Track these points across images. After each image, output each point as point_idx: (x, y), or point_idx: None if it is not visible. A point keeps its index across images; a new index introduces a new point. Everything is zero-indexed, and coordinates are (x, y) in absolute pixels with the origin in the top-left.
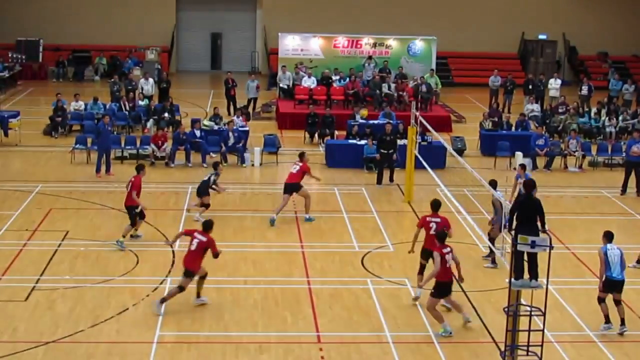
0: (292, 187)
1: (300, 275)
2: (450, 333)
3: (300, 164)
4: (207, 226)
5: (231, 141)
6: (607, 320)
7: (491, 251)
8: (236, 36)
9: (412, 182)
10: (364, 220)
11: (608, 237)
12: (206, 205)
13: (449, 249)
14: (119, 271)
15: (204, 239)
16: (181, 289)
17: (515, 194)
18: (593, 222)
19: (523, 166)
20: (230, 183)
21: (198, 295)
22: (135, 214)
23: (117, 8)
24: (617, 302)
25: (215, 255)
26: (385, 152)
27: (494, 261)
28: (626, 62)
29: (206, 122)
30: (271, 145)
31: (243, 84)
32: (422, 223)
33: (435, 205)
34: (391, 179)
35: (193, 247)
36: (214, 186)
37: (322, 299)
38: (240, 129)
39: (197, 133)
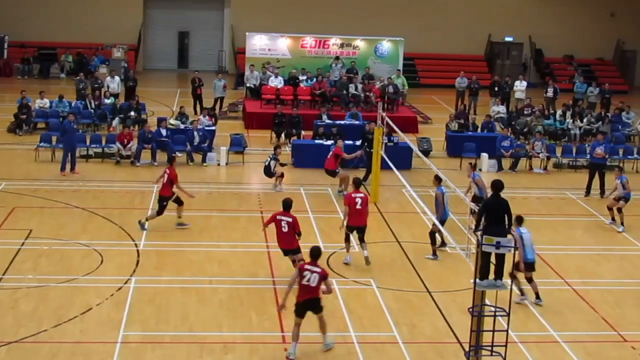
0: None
1: (265, 275)
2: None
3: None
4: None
5: (197, 140)
6: (523, 293)
7: (433, 243)
8: (203, 35)
9: (378, 183)
10: (330, 220)
11: (519, 220)
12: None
13: (316, 269)
14: (83, 270)
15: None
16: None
17: (470, 193)
18: (558, 223)
19: (472, 165)
20: (196, 182)
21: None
22: (164, 205)
23: (84, 5)
24: (530, 280)
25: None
26: (370, 150)
27: (435, 253)
28: (591, 65)
29: (172, 121)
30: (238, 145)
31: (210, 83)
32: (272, 219)
33: (286, 204)
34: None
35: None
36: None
37: (288, 299)
38: (206, 128)
39: (163, 132)
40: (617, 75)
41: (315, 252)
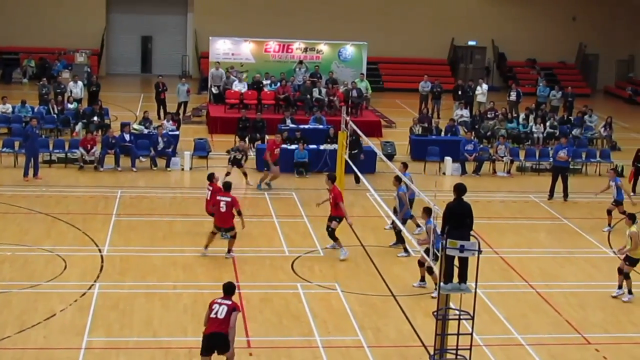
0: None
1: (230, 279)
2: None
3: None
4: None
5: (161, 145)
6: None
7: (398, 241)
8: (167, 40)
9: (343, 187)
10: (294, 225)
11: (428, 212)
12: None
13: (227, 301)
14: (46, 276)
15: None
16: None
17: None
18: (521, 226)
19: (404, 164)
20: (159, 187)
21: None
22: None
23: (46, 10)
24: (431, 270)
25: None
26: (350, 152)
27: (406, 250)
28: (554, 69)
29: (136, 126)
30: (201, 150)
31: (173, 88)
32: (213, 200)
33: (226, 186)
34: (357, 181)
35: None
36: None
37: (252, 303)
38: (170, 133)
39: (127, 137)
40: (580, 78)
41: (228, 288)
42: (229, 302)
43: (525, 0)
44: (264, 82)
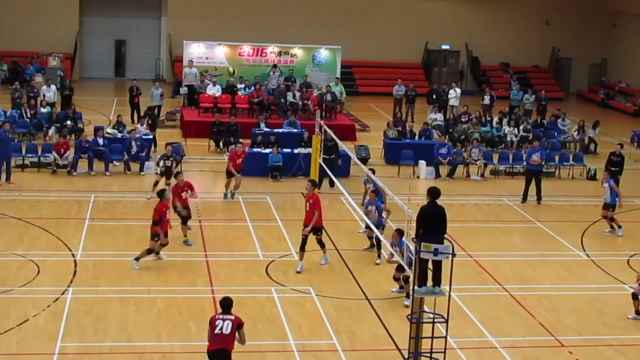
0: None
1: (204, 284)
2: None
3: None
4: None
5: (134, 149)
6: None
7: (372, 246)
8: (140, 43)
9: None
10: (269, 229)
11: (400, 233)
12: None
13: (230, 316)
14: (19, 281)
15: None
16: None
17: (366, 198)
18: (495, 229)
19: (372, 170)
20: (133, 191)
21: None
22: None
23: (19, 13)
24: (407, 280)
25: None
26: (328, 157)
27: (380, 256)
28: (527, 73)
29: (109, 130)
30: (175, 154)
31: (147, 92)
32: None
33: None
34: (332, 185)
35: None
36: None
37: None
38: (143, 137)
39: (100, 141)
40: (553, 82)
41: (225, 303)
42: (232, 317)
43: (499, 5)
44: (238, 86)
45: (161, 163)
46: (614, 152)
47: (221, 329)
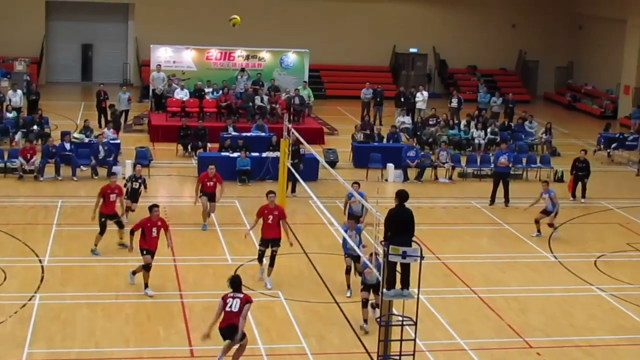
0: None
1: (173, 289)
2: None
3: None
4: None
5: (102, 154)
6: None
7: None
8: (108, 47)
9: (284, 194)
10: (237, 233)
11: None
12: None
13: (239, 294)
14: None
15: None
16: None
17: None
18: (463, 232)
19: (357, 183)
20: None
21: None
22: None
23: None
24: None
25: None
26: (291, 162)
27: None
28: (494, 75)
29: (76, 135)
30: (143, 158)
31: (115, 96)
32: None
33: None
34: (293, 190)
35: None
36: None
37: (196, 312)
38: (111, 141)
39: (67, 146)
40: (520, 85)
41: (233, 282)
42: (241, 295)
43: (466, 8)
44: (206, 89)
45: (128, 185)
46: (578, 158)
47: (231, 306)
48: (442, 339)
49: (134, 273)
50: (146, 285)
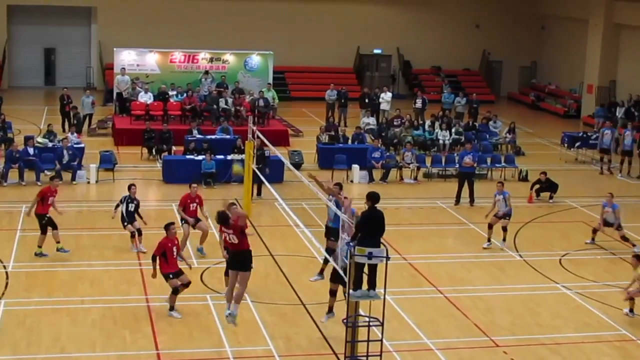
0: None
1: (138, 293)
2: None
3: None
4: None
5: (66, 158)
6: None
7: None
8: (70, 51)
9: (249, 197)
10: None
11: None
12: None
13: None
14: None
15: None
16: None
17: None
18: (429, 232)
19: (339, 185)
20: (65, 201)
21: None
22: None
23: None
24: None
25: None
26: (256, 166)
27: (321, 273)
28: (458, 76)
29: (40, 139)
30: (107, 162)
31: (78, 100)
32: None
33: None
34: (259, 193)
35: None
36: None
37: (162, 316)
38: (75, 145)
39: (31, 151)
40: (484, 85)
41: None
42: (231, 231)
43: (430, 9)
44: (170, 92)
45: (122, 207)
46: (539, 180)
47: (230, 239)
48: (408, 339)
49: (172, 309)
50: (172, 308)
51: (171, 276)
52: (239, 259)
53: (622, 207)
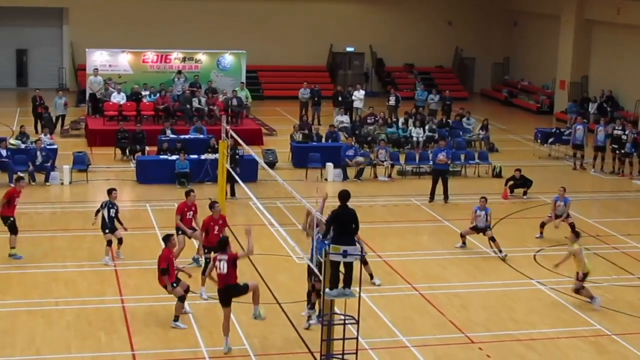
0: None
1: (113, 294)
2: None
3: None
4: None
5: (39, 160)
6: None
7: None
8: (42, 52)
9: (224, 196)
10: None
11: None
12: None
13: (224, 255)
14: None
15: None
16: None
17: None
18: (404, 229)
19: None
20: (39, 202)
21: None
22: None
23: None
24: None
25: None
26: (229, 165)
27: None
28: (431, 73)
29: (13, 141)
30: (81, 163)
31: (51, 101)
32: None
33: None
34: (232, 194)
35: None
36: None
37: (137, 317)
38: (48, 147)
39: (3, 152)
40: (457, 82)
41: (221, 242)
42: (226, 256)
43: (402, 6)
44: (143, 93)
45: (103, 212)
46: (513, 176)
47: (221, 269)
48: (384, 336)
49: (176, 319)
50: (176, 318)
51: (174, 285)
52: (227, 295)
53: (593, 202)
